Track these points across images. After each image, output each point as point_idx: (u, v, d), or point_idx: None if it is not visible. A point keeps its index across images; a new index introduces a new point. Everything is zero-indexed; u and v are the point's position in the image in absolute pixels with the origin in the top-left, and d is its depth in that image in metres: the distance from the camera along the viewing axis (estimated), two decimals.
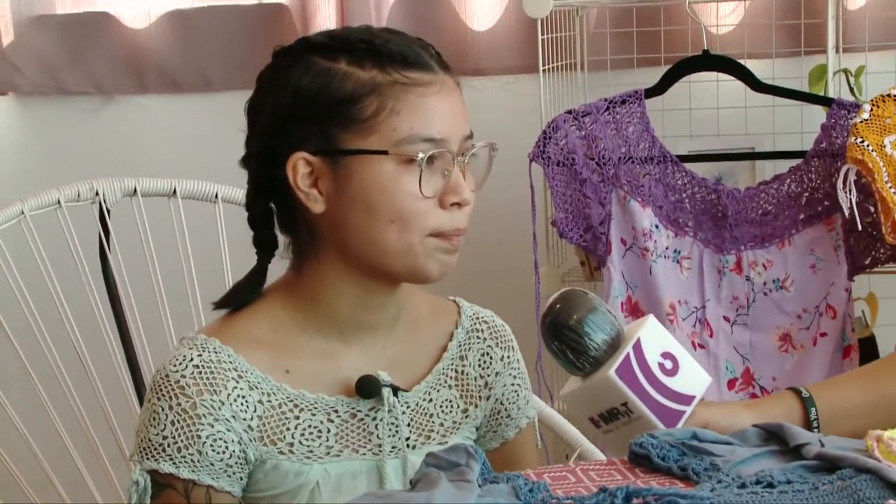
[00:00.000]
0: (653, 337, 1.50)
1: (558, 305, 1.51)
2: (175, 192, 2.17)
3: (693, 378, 1.52)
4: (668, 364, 1.50)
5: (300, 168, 1.53)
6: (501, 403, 1.73)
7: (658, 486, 1.27)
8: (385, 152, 1.52)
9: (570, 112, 2.47)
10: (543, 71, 2.59)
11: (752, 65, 2.59)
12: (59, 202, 2.13)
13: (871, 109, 2.32)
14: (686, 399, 1.51)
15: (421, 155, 1.51)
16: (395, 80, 1.52)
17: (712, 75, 2.57)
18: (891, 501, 1.16)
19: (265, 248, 1.63)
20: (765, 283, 2.48)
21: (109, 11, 3.08)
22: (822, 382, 1.68)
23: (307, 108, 1.53)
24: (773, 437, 1.40)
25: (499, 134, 2.68)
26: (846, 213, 2.33)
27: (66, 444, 2.00)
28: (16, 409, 1.96)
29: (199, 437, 1.52)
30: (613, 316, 1.51)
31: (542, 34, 2.58)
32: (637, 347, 1.47)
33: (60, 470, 2.03)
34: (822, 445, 1.32)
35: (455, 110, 1.57)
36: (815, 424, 1.54)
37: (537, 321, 2.53)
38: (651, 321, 1.52)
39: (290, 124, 1.54)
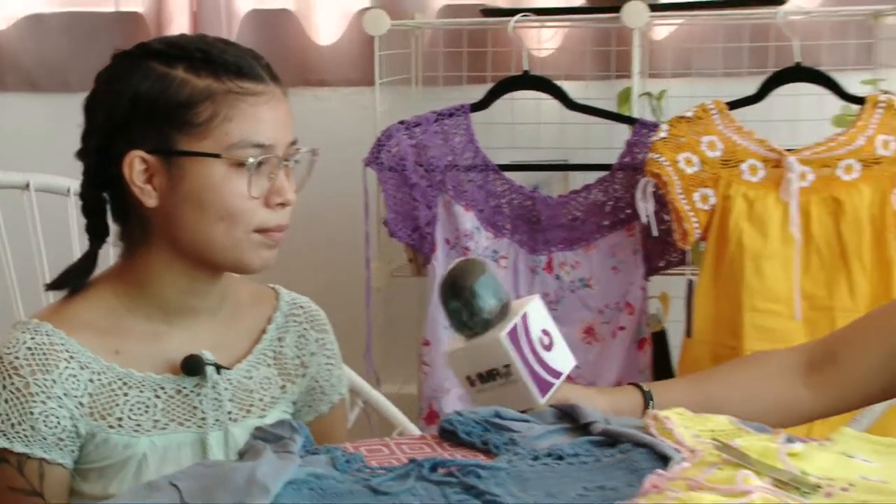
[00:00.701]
0: (538, 313, 1.51)
1: (461, 268, 1.50)
2: (28, 185, 2.15)
3: (563, 356, 1.54)
4: (546, 340, 1.51)
5: (136, 165, 1.52)
6: (316, 381, 1.74)
7: (462, 458, 1.31)
8: (218, 156, 1.52)
9: (402, 122, 2.49)
10: (380, 84, 2.61)
11: (568, 85, 2.62)
12: None
13: (669, 129, 2.37)
14: (556, 374, 1.52)
15: (251, 160, 1.52)
16: (229, 89, 1.52)
17: (533, 93, 2.59)
18: (658, 470, 1.20)
19: (97, 235, 1.61)
20: (572, 282, 2.52)
21: None
22: (658, 382, 1.70)
23: (145, 110, 1.52)
24: (565, 415, 1.44)
25: (338, 141, 2.74)
26: (644, 220, 2.39)
27: None
28: None
29: (31, 413, 1.51)
30: (504, 288, 1.51)
31: (380, 51, 2.60)
32: (524, 318, 1.48)
33: None
34: (608, 423, 1.37)
35: (282, 119, 1.57)
36: None
37: (367, 312, 2.58)
38: (537, 300, 1.53)
39: (128, 124, 1.53)
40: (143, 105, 1.52)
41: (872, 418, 2.08)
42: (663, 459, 1.23)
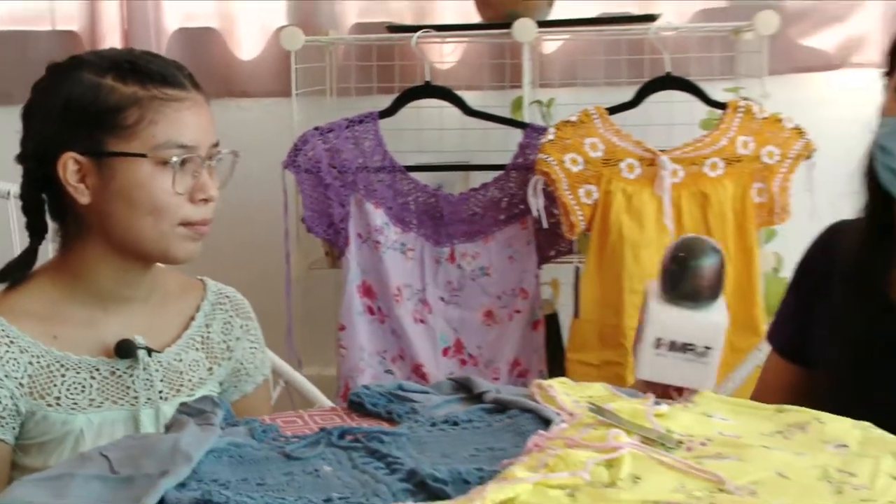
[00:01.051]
0: None
1: (711, 242, 1.43)
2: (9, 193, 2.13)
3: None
4: None
5: (69, 166, 1.52)
6: (241, 363, 1.74)
7: (368, 426, 1.32)
8: (144, 155, 1.51)
9: (317, 128, 2.48)
10: (297, 95, 2.60)
11: (467, 95, 2.62)
12: None
13: (555, 132, 2.39)
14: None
15: (175, 159, 1.52)
16: (154, 96, 1.52)
17: (436, 101, 2.59)
18: (541, 432, 1.22)
19: (36, 232, 1.61)
20: (472, 271, 2.53)
21: None
22: None
23: (77, 115, 1.51)
24: (461, 387, 1.46)
25: (259, 147, 2.72)
26: (535, 214, 2.41)
27: None
28: None
29: None
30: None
31: (296, 64, 2.59)
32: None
33: None
34: (499, 393, 1.39)
35: (204, 122, 1.57)
36: None
37: (288, 302, 2.58)
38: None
39: (62, 129, 1.52)
40: (75, 110, 1.52)
41: (737, 383, 2.12)
42: (546, 422, 1.24)
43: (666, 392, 1.43)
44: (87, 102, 1.51)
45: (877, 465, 1.09)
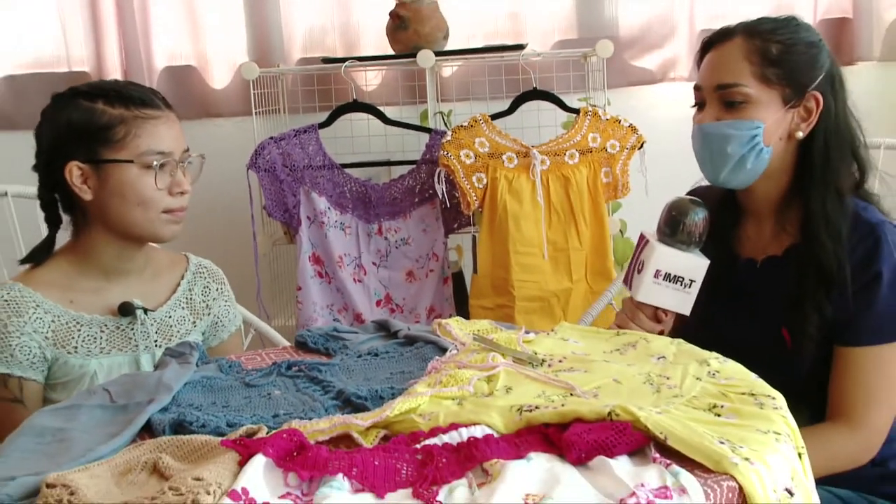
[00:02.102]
0: None
1: (700, 202, 1.41)
2: (6, 193, 2.09)
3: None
4: None
5: (74, 172, 1.50)
6: (218, 318, 1.73)
7: (309, 359, 1.32)
8: (132, 161, 1.50)
9: (272, 138, 2.45)
10: (256, 113, 2.56)
11: (387, 109, 2.61)
12: None
13: (452, 134, 2.38)
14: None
15: (156, 163, 1.51)
16: (136, 115, 1.50)
17: (363, 115, 2.57)
18: (437, 357, 1.22)
19: (52, 223, 1.59)
20: (396, 242, 2.52)
21: None
22: None
23: (77, 133, 1.50)
24: (381, 327, 1.46)
25: (229, 154, 2.69)
26: (440, 197, 2.40)
27: None
28: None
29: (10, 345, 1.48)
30: None
31: (254, 90, 2.55)
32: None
33: None
34: (409, 330, 1.40)
35: (176, 133, 1.55)
36: None
37: (256, 270, 2.54)
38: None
39: (67, 144, 1.50)
40: (76, 129, 1.50)
41: (594, 315, 2.13)
42: (443, 350, 1.26)
43: (655, 314, 1.42)
44: (84, 123, 1.50)
45: (685, 371, 1.11)
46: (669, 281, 1.39)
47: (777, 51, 1.46)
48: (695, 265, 1.40)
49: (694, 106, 1.55)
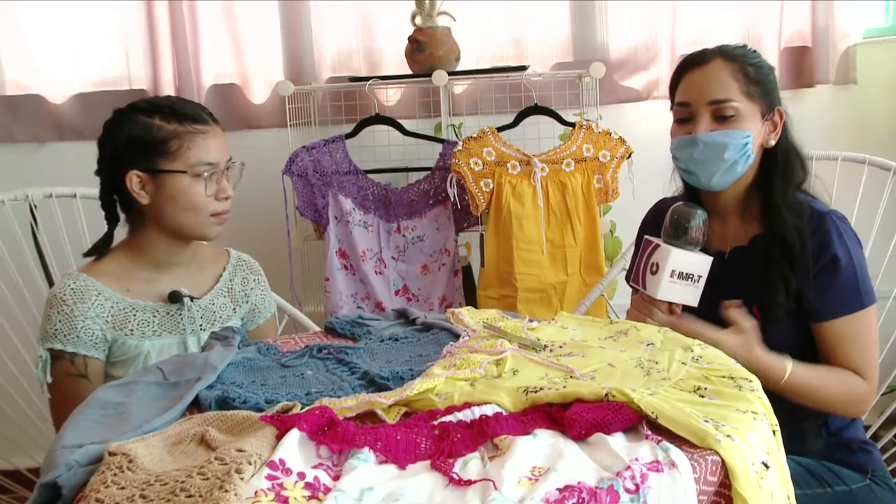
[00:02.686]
0: None
1: (699, 209, 1.41)
2: (76, 194, 2.08)
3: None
4: None
5: (133, 179, 1.50)
6: (255, 305, 1.72)
7: (338, 343, 1.30)
8: (184, 171, 1.49)
9: (304, 147, 2.44)
10: (291, 125, 2.55)
11: (405, 122, 2.59)
12: (2, 202, 2.02)
13: (463, 144, 2.37)
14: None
15: (205, 173, 1.50)
16: (188, 130, 1.50)
17: (385, 127, 2.56)
18: (452, 343, 1.21)
19: (111, 221, 1.59)
20: (413, 239, 2.50)
21: (39, 93, 2.86)
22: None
23: (136, 145, 1.49)
24: (401, 315, 1.45)
25: (267, 161, 2.67)
26: (452, 200, 2.39)
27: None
28: None
29: (76, 327, 1.48)
30: None
31: (289, 105, 2.54)
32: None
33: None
34: (426, 318, 1.38)
35: (222, 146, 1.55)
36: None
37: (290, 263, 2.53)
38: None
39: (127, 154, 1.50)
40: (136, 142, 1.50)
41: (587, 306, 2.12)
42: (456, 336, 1.25)
43: (670, 308, 1.42)
44: (142, 136, 1.50)
45: (672, 356, 1.09)
46: (682, 279, 1.40)
47: (752, 72, 1.49)
48: (702, 262, 1.41)
49: (679, 120, 1.54)
